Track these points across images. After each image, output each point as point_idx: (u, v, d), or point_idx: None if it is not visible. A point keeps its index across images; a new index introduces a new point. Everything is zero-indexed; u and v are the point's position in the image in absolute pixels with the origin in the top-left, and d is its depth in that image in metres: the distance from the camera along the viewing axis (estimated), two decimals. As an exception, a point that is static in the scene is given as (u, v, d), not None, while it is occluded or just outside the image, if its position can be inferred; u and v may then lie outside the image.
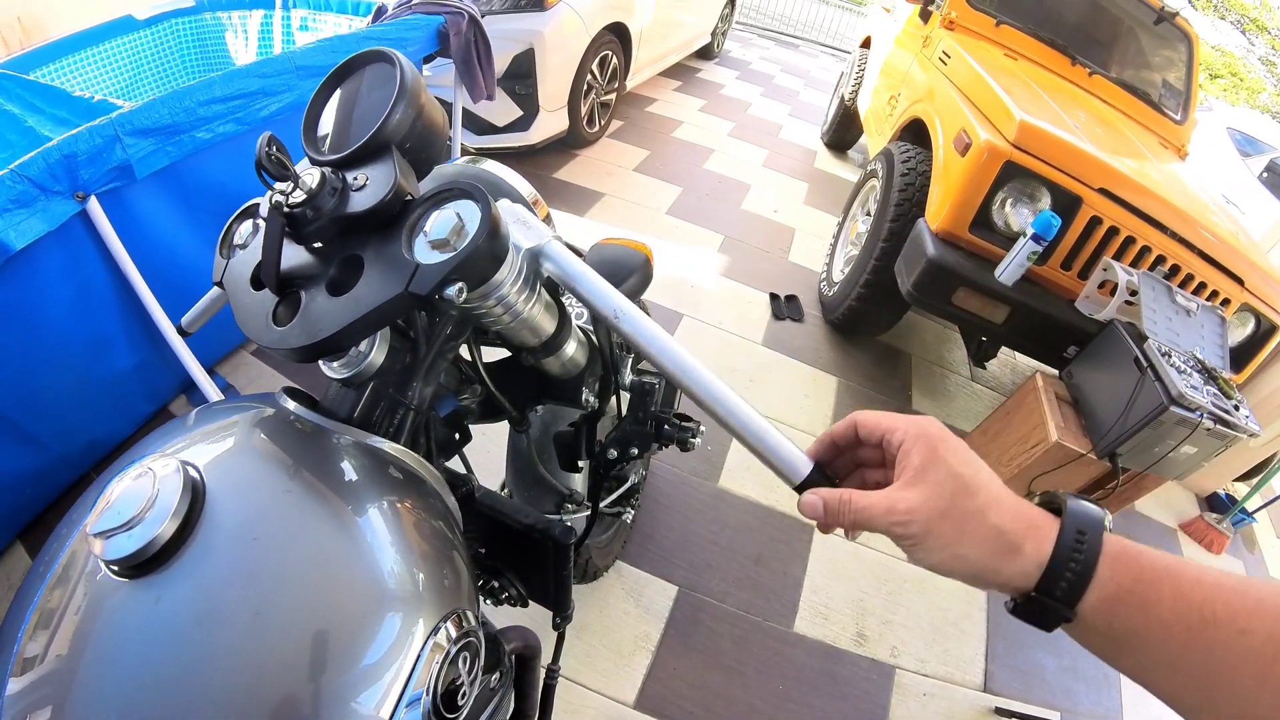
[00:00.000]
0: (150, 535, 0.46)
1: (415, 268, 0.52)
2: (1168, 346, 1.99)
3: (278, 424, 0.63)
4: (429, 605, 0.55)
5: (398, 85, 0.57)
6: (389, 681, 0.49)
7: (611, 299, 0.57)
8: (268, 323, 0.56)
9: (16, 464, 1.64)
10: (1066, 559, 0.43)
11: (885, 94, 3.64)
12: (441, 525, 0.63)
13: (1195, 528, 2.80)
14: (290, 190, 0.54)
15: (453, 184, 0.56)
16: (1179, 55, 3.39)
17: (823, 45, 9.26)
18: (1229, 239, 2.29)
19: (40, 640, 0.48)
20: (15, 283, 1.46)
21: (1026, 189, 2.19)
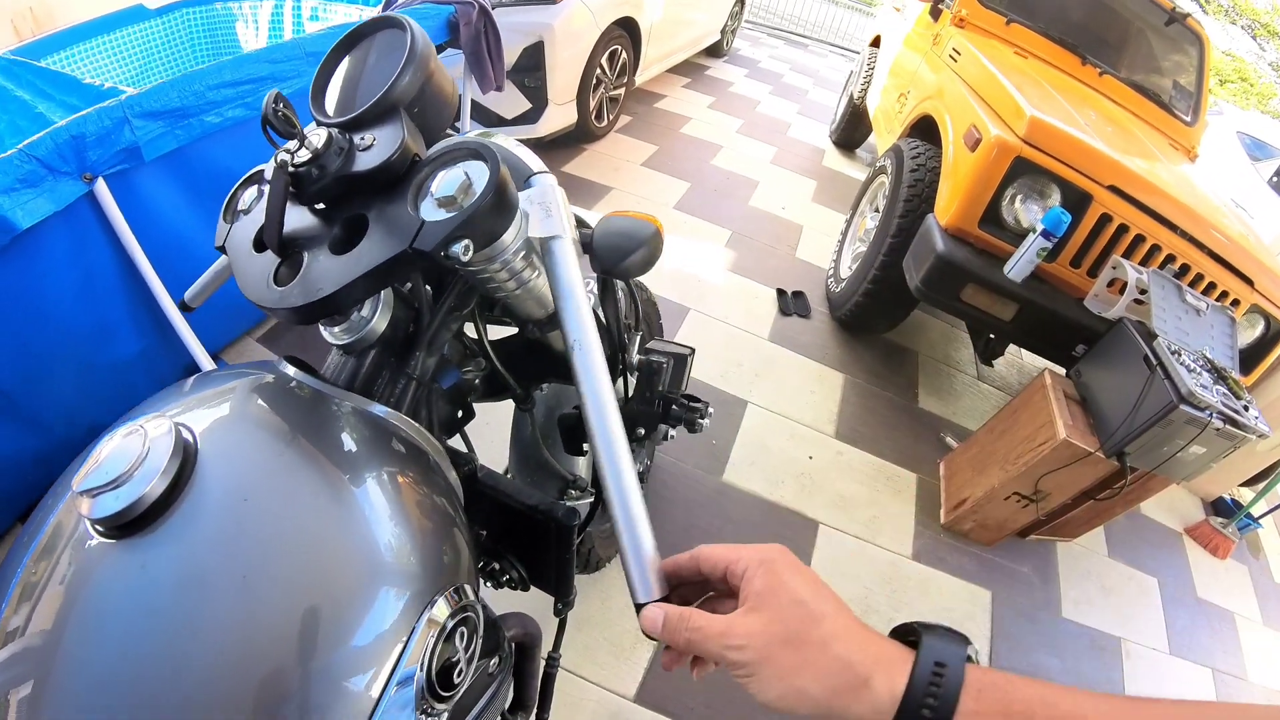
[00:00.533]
0: (137, 494, 0.45)
1: (420, 224, 0.51)
2: (1177, 345, 1.98)
3: (276, 389, 0.61)
4: (426, 579, 0.54)
5: (408, 48, 0.57)
6: (381, 655, 0.48)
7: (580, 329, 0.55)
8: (268, 283, 0.56)
9: (19, 445, 1.63)
10: (923, 694, 0.38)
11: (895, 92, 3.63)
12: (443, 500, 0.62)
13: (1200, 532, 2.79)
14: (296, 149, 0.54)
15: (461, 144, 0.55)
16: (1190, 57, 3.37)
17: (831, 45, 9.24)
18: (1239, 240, 2.27)
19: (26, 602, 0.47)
20: (20, 263, 1.45)
21: (1036, 185, 2.18)
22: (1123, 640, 2.20)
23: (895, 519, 2.28)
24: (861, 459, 2.46)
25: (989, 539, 2.31)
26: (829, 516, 2.20)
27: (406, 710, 0.48)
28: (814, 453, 2.41)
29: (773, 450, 2.36)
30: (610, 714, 1.59)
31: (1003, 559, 2.29)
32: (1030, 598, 2.21)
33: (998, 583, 2.21)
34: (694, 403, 0.91)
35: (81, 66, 2.46)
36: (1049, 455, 2.01)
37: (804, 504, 2.21)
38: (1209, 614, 2.46)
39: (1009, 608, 2.14)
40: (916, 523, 2.30)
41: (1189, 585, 2.54)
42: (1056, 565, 2.37)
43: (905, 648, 0.41)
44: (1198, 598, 2.50)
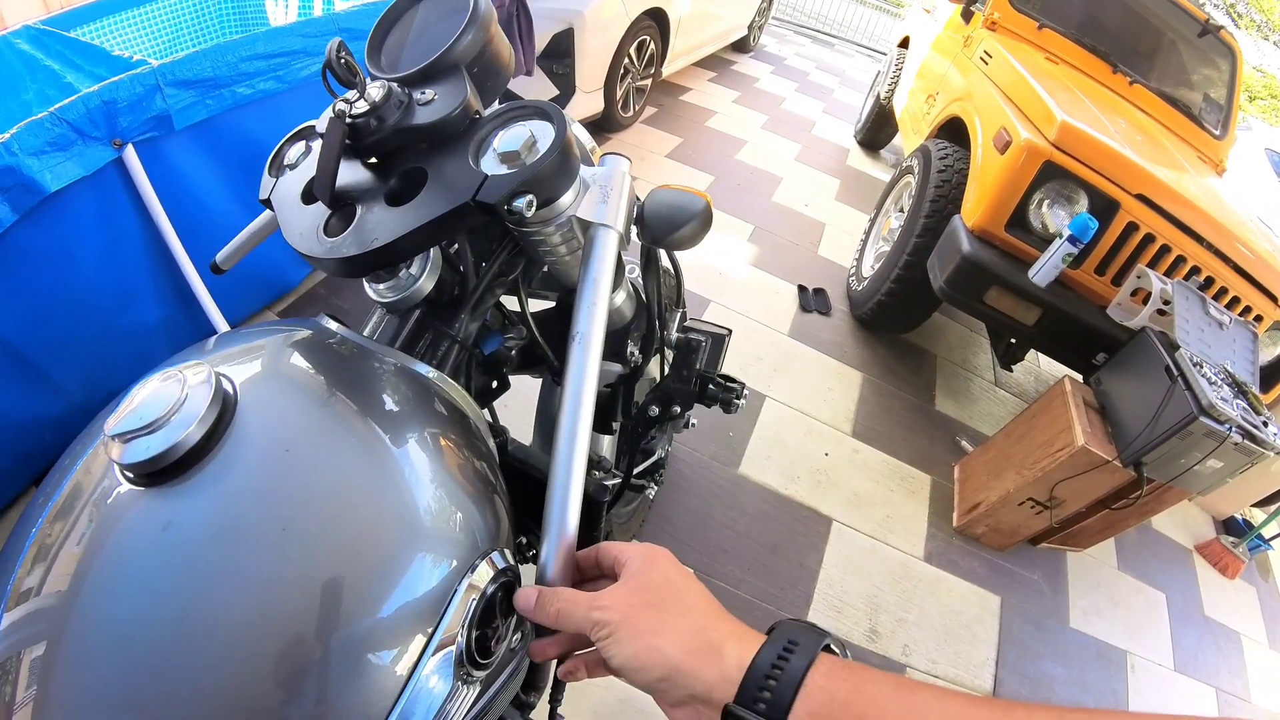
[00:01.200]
0: (173, 440, 0.44)
1: (483, 178, 0.51)
2: (1199, 357, 1.97)
3: (318, 344, 0.60)
4: (467, 543, 0.53)
5: (470, 9, 0.57)
6: (422, 617, 0.47)
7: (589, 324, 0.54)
8: (319, 235, 0.55)
9: (38, 408, 1.64)
10: (770, 663, 0.39)
11: (923, 93, 3.61)
12: (484, 466, 0.61)
13: (1211, 550, 2.77)
14: (355, 100, 0.54)
15: (525, 104, 0.56)
16: (1221, 70, 3.33)
17: (859, 45, 9.18)
18: (1265, 255, 2.26)
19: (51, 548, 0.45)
20: (47, 226, 1.46)
21: (1064, 190, 2.17)
22: (1128, 653, 2.20)
23: (908, 520, 2.29)
24: (877, 458, 2.46)
25: (1001, 544, 2.31)
26: (842, 514, 2.21)
27: (445, 675, 0.47)
28: (830, 449, 2.41)
29: (789, 445, 2.36)
30: (618, 700, 1.60)
31: (1013, 565, 2.29)
32: (1039, 605, 2.21)
33: (1007, 588, 2.21)
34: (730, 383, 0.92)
35: (110, 38, 2.45)
36: (1066, 462, 2.00)
37: (818, 500, 2.22)
38: (1216, 633, 2.45)
39: (1017, 614, 2.14)
40: (929, 524, 2.30)
41: (1197, 603, 2.53)
42: (1066, 574, 2.36)
43: (764, 634, 0.42)
44: (1205, 616, 2.49)
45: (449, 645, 0.48)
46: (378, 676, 0.44)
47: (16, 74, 2.06)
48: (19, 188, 1.35)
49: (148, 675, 0.40)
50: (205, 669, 0.40)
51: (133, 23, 2.55)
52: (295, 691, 0.41)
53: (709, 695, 0.40)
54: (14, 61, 2.05)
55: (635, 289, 0.85)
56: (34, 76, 2.06)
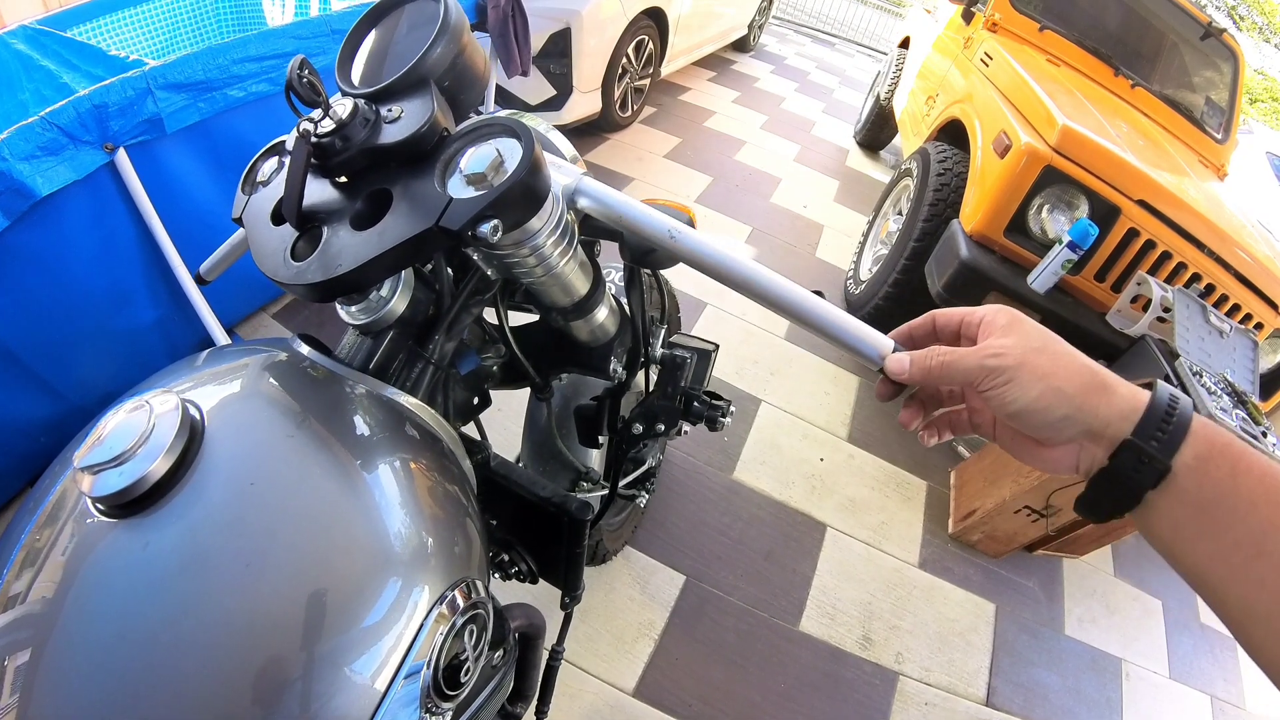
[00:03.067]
0: (140, 472, 0.44)
1: (448, 202, 0.49)
2: (1199, 366, 1.95)
3: (289, 368, 0.60)
4: (436, 571, 0.52)
5: (440, 20, 0.55)
6: (388, 649, 0.47)
7: (662, 220, 0.56)
8: (285, 258, 0.54)
9: (32, 411, 1.64)
10: (1164, 405, 0.42)
11: (923, 94, 3.59)
12: (456, 489, 0.60)
13: (1209, 554, 2.76)
14: (320, 119, 0.52)
15: (494, 120, 0.53)
16: (1223, 73, 3.31)
17: (859, 45, 9.16)
18: (1266, 262, 2.24)
19: (24, 579, 0.46)
20: (39, 230, 1.45)
21: (1065, 196, 2.16)
22: (1124, 661, 2.18)
23: (903, 526, 2.27)
24: (873, 463, 2.45)
25: (996, 551, 2.30)
26: (837, 520, 2.19)
27: (411, 707, 0.47)
28: (825, 454, 2.39)
29: (784, 450, 2.35)
30: (608, 706, 1.59)
31: (1009, 572, 2.27)
32: (1034, 613, 2.19)
33: (1002, 596, 2.19)
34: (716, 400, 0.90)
35: (107, 38, 2.45)
36: (1063, 470, 1.98)
37: (813, 506, 2.20)
38: (1211, 640, 2.43)
39: (1012, 622, 2.13)
40: (924, 531, 2.28)
41: (1193, 610, 2.51)
42: (1062, 582, 2.35)
43: None
44: (1201, 623, 2.48)
45: (415, 678, 0.47)
46: (343, 709, 0.44)
47: (13, 74, 2.06)
48: (10, 192, 1.35)
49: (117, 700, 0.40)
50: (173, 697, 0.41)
51: (129, 22, 2.54)
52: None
53: (1104, 430, 0.43)
54: (10, 61, 2.05)
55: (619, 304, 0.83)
56: (30, 76, 2.05)
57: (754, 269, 0.55)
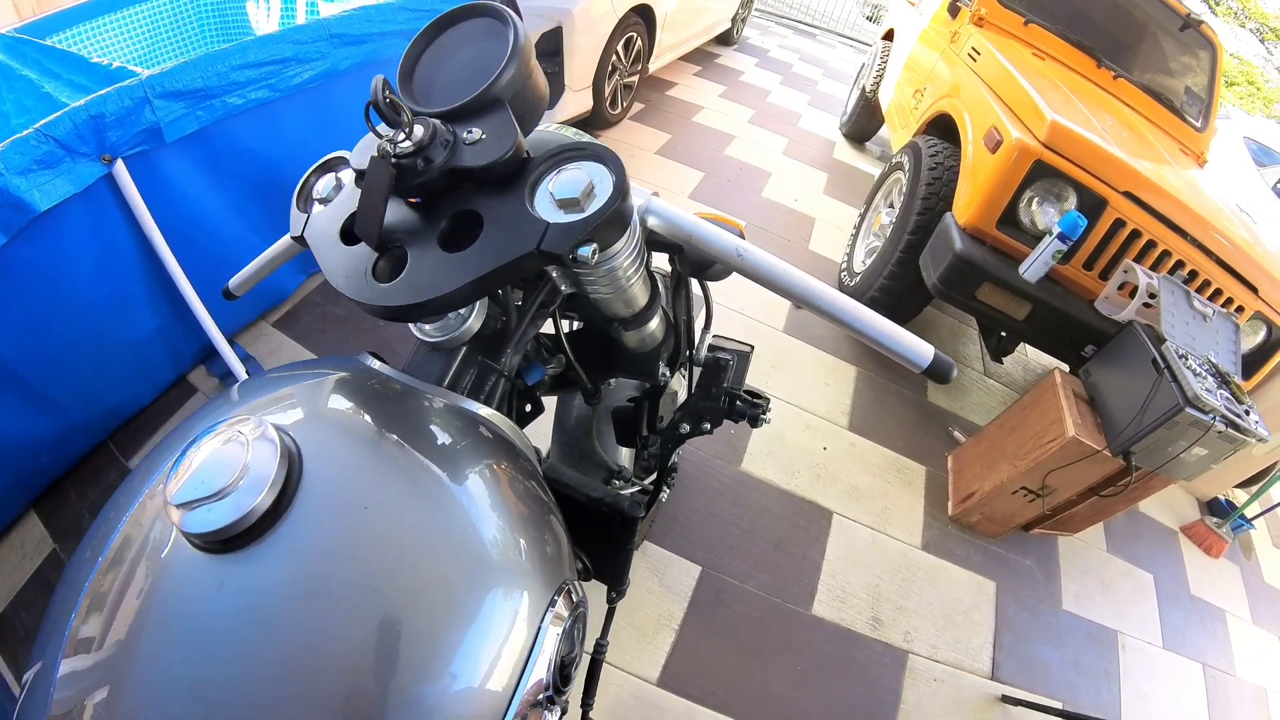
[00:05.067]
0: (246, 506, 0.43)
1: (545, 226, 0.50)
2: (1184, 350, 2.03)
3: (369, 387, 0.59)
4: (542, 576, 0.53)
5: (512, 41, 0.56)
6: (511, 658, 0.47)
7: (730, 240, 0.59)
8: (367, 279, 0.54)
9: (35, 429, 1.62)
10: None
11: (910, 87, 3.65)
12: (540, 495, 0.61)
13: (1195, 531, 2.86)
14: (401, 140, 0.52)
15: (577, 145, 0.55)
16: (1202, 63, 3.40)
17: (841, 36, 9.20)
18: (1245, 247, 2.33)
19: (102, 612, 0.44)
20: (39, 244, 1.42)
21: (1054, 189, 2.22)
22: (1119, 633, 2.28)
23: (905, 510, 2.35)
24: (873, 451, 2.52)
25: (994, 532, 2.38)
26: (842, 506, 2.27)
27: (536, 710, 0.48)
28: (828, 444, 2.46)
29: (788, 441, 2.41)
30: (634, 697, 1.65)
31: (1007, 551, 2.36)
32: (1033, 590, 2.28)
33: (1002, 574, 2.28)
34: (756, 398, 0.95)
35: (88, 45, 2.40)
36: (1058, 452, 2.06)
37: (819, 494, 2.27)
38: (1202, 611, 2.54)
39: (1012, 599, 2.21)
40: (925, 514, 2.36)
41: (1183, 582, 2.62)
42: (1058, 559, 2.44)
43: None
44: (1191, 595, 2.58)
45: (536, 680, 0.48)
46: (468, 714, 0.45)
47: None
48: (8, 207, 1.32)
49: None
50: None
51: (111, 28, 2.50)
52: None
53: None
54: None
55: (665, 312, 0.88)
56: (10, 86, 2.01)
57: (811, 283, 0.59)
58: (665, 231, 0.61)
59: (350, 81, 2.08)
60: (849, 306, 0.59)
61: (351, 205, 0.59)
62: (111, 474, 1.83)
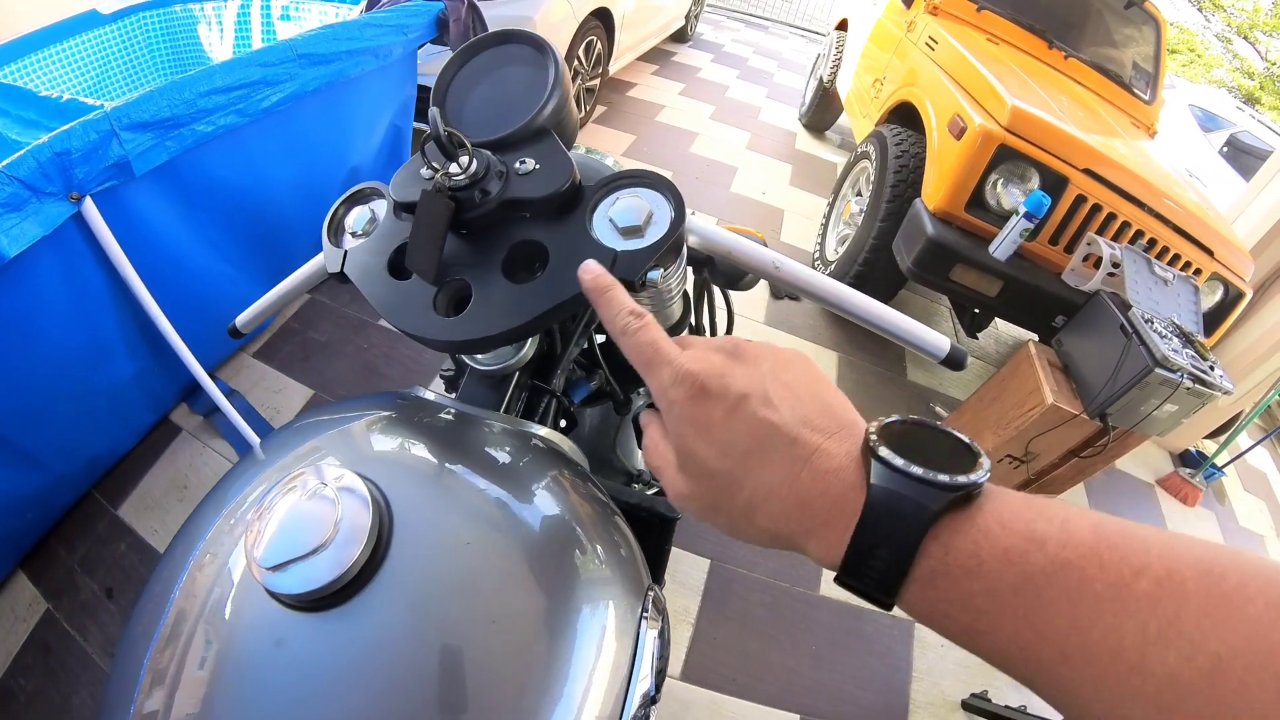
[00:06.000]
0: (348, 560, 0.42)
1: (615, 255, 0.51)
2: (1149, 314, 2.13)
3: (433, 420, 0.59)
4: (631, 585, 0.53)
5: (553, 71, 0.57)
6: (619, 669, 0.47)
7: (767, 254, 0.61)
8: (428, 314, 0.53)
9: (17, 486, 1.56)
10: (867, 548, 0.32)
11: (869, 76, 3.74)
12: (608, 505, 0.62)
13: (1171, 483, 3.00)
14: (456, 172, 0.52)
15: (629, 172, 0.56)
16: (1147, 38, 3.55)
17: (791, 26, 9.33)
18: (1198, 213, 2.45)
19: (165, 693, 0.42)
20: (7, 292, 1.34)
21: (1017, 170, 2.32)
22: (1108, 587, 2.38)
23: (898, 487, 2.42)
24: (861, 433, 2.59)
25: (983, 501, 2.47)
26: (838, 489, 2.33)
27: (641, 715, 0.48)
28: (819, 429, 2.53)
29: (781, 429, 2.47)
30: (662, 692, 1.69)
31: (996, 519, 2.45)
32: (1024, 553, 2.37)
33: (994, 541, 2.36)
34: None
35: (35, 78, 2.33)
36: (1039, 419, 2.16)
37: (814, 478, 2.34)
38: (1181, 559, 2.66)
39: (1005, 564, 2.30)
40: (917, 490, 2.44)
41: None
42: (1044, 522, 2.53)
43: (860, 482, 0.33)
44: (1170, 545, 2.70)
45: (644, 688, 0.48)
46: None
47: (-63, 123, 1.91)
48: None
49: None
50: None
51: (56, 60, 2.43)
52: None
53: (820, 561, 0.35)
54: (-67, 110, 1.91)
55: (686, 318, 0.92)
56: None
57: (840, 288, 0.62)
58: (702, 248, 0.63)
59: (318, 103, 2.03)
60: (873, 307, 0.62)
61: (394, 238, 0.59)
62: (100, 524, 1.80)
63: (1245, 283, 2.52)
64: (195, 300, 1.88)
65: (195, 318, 1.84)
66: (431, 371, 2.36)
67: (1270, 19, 11.36)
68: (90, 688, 1.52)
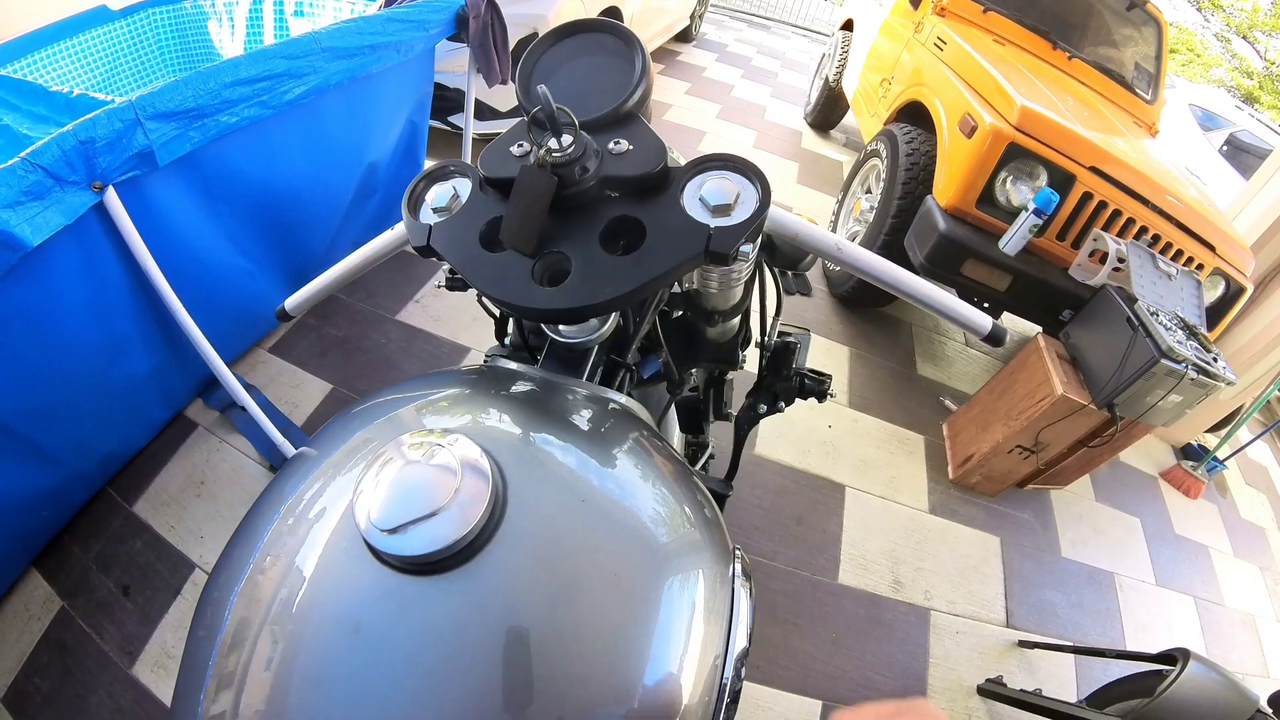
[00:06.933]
0: (470, 521, 0.42)
1: (710, 231, 0.54)
2: (1154, 307, 2.19)
3: (526, 389, 0.61)
4: (719, 546, 0.54)
5: (640, 59, 0.61)
6: (721, 625, 0.49)
7: (829, 237, 0.65)
8: (528, 284, 0.55)
9: (32, 483, 1.55)
10: None
11: (876, 76, 3.80)
12: (684, 464, 0.63)
13: (1174, 475, 3.06)
14: (558, 149, 0.54)
15: (716, 156, 0.59)
16: (1148, 38, 3.61)
17: (794, 26, 9.38)
18: (1200, 209, 2.51)
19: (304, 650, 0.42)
20: (27, 283, 1.32)
21: (1026, 168, 2.38)
22: (1115, 574, 2.45)
23: (910, 477, 2.49)
24: (875, 425, 2.66)
25: (993, 490, 2.54)
26: (853, 479, 2.40)
27: (739, 677, 0.49)
28: (833, 422, 2.60)
29: (795, 422, 2.54)
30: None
31: (1006, 508, 2.52)
32: (1033, 541, 2.44)
33: (1004, 529, 2.43)
34: (822, 376, 1.05)
35: (45, 73, 2.34)
36: (1048, 410, 2.22)
37: (830, 469, 2.41)
38: (1187, 548, 2.73)
39: (1016, 551, 2.37)
40: (929, 480, 2.51)
41: (1168, 523, 2.81)
42: (1053, 511, 2.60)
43: None
44: (1176, 534, 2.77)
45: (743, 647, 0.49)
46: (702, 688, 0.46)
47: (-53, 119, 1.92)
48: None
49: None
50: None
51: (66, 55, 2.45)
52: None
53: None
54: (-57, 105, 1.91)
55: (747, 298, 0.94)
56: None
57: (895, 269, 0.67)
58: (771, 230, 0.67)
59: (339, 97, 2.03)
60: (925, 287, 0.67)
61: (482, 213, 0.61)
62: (115, 521, 1.79)
63: (1246, 278, 2.58)
64: (213, 293, 1.89)
65: (213, 311, 1.83)
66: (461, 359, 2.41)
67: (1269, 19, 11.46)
68: (108, 687, 1.50)
